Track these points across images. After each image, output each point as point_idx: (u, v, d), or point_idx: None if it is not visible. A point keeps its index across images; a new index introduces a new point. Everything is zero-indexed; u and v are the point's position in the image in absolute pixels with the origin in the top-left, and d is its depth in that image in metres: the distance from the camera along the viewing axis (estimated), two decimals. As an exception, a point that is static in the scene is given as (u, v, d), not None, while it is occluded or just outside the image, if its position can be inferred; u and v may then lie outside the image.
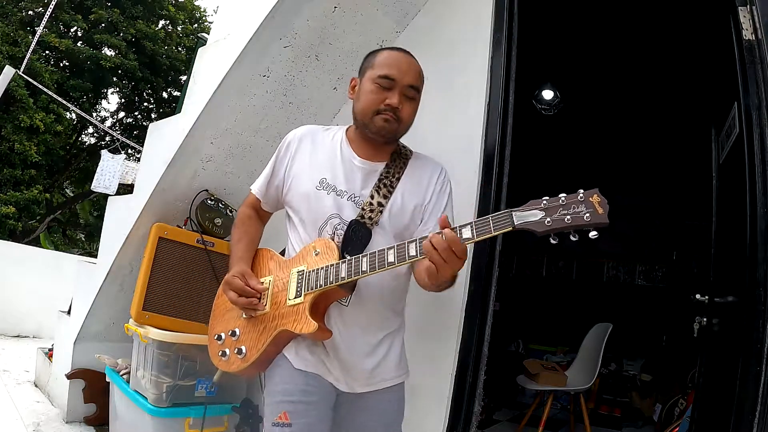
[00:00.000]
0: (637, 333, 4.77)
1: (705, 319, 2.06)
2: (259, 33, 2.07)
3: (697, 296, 2.12)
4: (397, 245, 1.15)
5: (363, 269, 1.18)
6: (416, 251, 1.12)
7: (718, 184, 2.20)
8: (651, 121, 4.42)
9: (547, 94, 4.20)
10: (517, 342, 5.21)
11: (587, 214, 0.97)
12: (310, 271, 1.26)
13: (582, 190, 0.99)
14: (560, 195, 1.01)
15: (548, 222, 1.00)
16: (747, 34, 1.59)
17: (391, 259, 1.15)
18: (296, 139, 1.44)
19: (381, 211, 1.32)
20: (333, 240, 1.29)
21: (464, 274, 1.83)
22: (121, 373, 2.37)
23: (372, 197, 1.32)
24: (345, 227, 1.31)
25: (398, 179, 1.36)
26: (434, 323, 1.85)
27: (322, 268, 1.24)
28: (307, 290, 1.25)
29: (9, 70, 5.99)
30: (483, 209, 1.86)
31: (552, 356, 4.81)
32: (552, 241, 1.02)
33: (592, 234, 0.98)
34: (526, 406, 3.94)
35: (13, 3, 10.79)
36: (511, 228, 1.03)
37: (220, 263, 2.38)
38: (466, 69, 2.04)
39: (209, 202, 2.43)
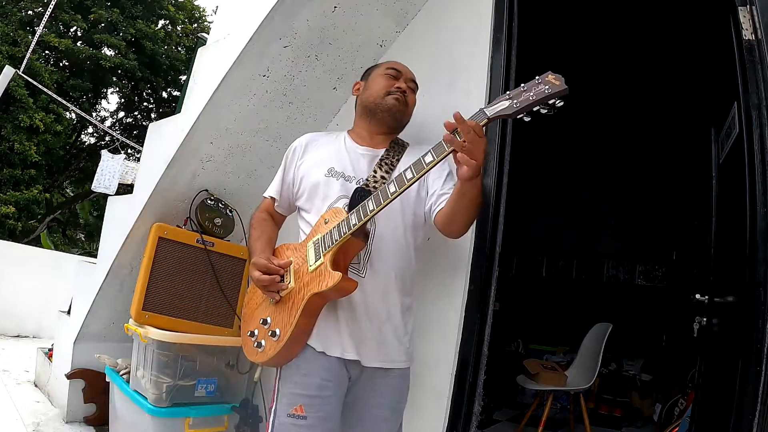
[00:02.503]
0: (637, 333, 4.77)
1: (705, 319, 2.06)
2: (259, 33, 2.07)
3: (697, 296, 2.12)
4: (396, 177, 1.24)
5: (370, 209, 1.25)
6: (433, 156, 1.21)
7: (718, 184, 2.20)
8: (651, 120, 4.42)
9: (547, 94, 4.19)
10: (517, 342, 5.21)
11: (547, 88, 1.10)
12: (324, 236, 1.34)
13: (537, 76, 1.13)
14: (520, 84, 1.14)
15: (516, 104, 1.13)
16: (747, 34, 1.59)
17: (392, 189, 1.23)
18: (302, 144, 1.57)
19: (384, 183, 1.41)
20: None
21: (464, 274, 1.83)
22: (121, 373, 2.37)
23: (375, 172, 1.45)
24: None
25: (398, 160, 1.50)
26: (434, 323, 1.85)
27: (334, 226, 1.32)
28: (325, 250, 1.31)
29: (9, 70, 5.99)
30: (483, 209, 1.86)
31: (552, 356, 4.81)
32: (526, 119, 1.15)
33: (558, 103, 1.11)
34: (526, 406, 3.94)
35: (13, 3, 10.79)
36: (486, 119, 1.16)
37: (220, 263, 2.38)
38: (466, 69, 2.04)
39: (209, 202, 2.43)
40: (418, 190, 1.48)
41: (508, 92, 1.16)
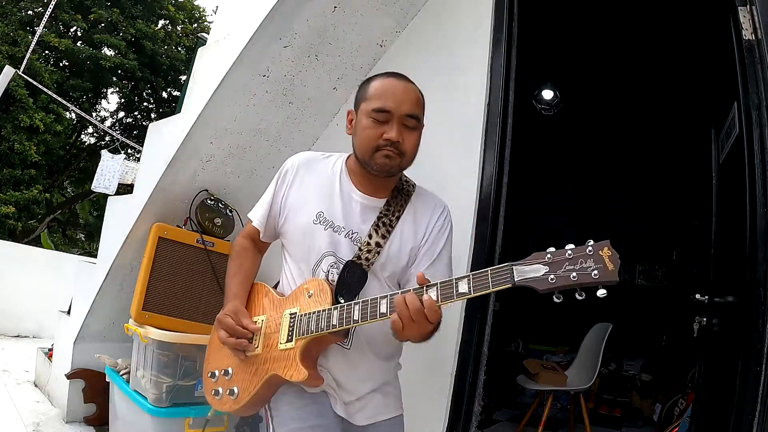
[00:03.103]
0: (637, 333, 4.77)
1: (705, 319, 2.06)
2: (259, 33, 2.07)
3: (697, 296, 2.12)
4: (391, 295, 1.11)
5: (355, 318, 1.13)
6: (437, 297, 1.05)
7: (718, 184, 2.20)
8: (651, 121, 4.42)
9: (547, 94, 4.20)
10: (517, 342, 5.21)
11: (595, 271, 0.90)
12: (302, 315, 1.21)
13: (591, 242, 0.93)
14: (567, 247, 0.94)
15: (552, 279, 0.94)
16: (747, 34, 1.59)
17: (383, 309, 1.10)
18: (293, 168, 1.36)
19: (378, 252, 1.26)
20: (327, 279, 1.25)
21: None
22: (121, 373, 2.37)
23: (370, 236, 1.26)
24: (340, 266, 1.26)
25: (398, 218, 1.30)
26: (434, 323, 1.84)
27: (314, 312, 1.19)
28: (299, 335, 1.20)
29: (9, 70, 5.99)
30: (482, 211, 1.86)
31: (552, 356, 4.81)
32: (555, 300, 0.95)
33: (600, 292, 0.91)
34: (526, 406, 3.94)
35: (13, 3, 10.79)
36: (510, 285, 0.98)
37: (220, 263, 2.38)
38: (466, 69, 2.04)
39: (209, 202, 2.43)
40: (410, 257, 1.30)
41: (549, 252, 0.95)
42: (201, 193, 2.42)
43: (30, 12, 11.13)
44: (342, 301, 1.19)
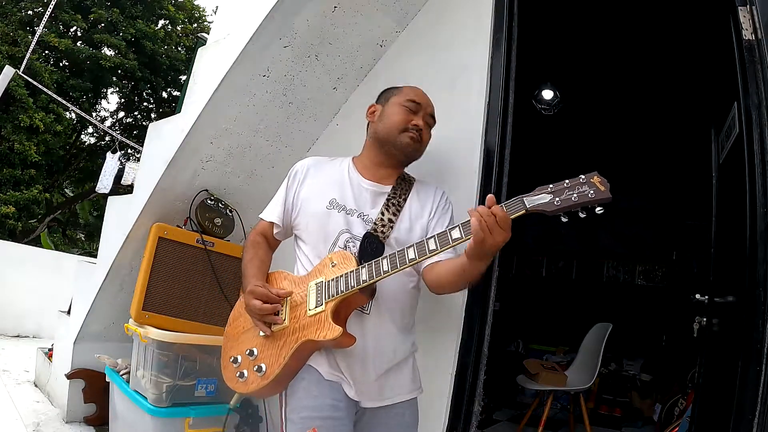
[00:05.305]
0: (637, 333, 4.77)
1: (705, 319, 2.06)
2: (259, 33, 2.07)
3: (697, 296, 2.12)
4: (417, 243, 1.20)
5: (384, 269, 1.21)
6: (461, 233, 1.16)
7: (718, 184, 2.20)
8: (651, 121, 4.42)
9: (547, 94, 4.20)
10: (517, 342, 5.21)
11: (591, 192, 1.07)
12: (329, 281, 1.29)
13: (582, 174, 1.09)
14: (564, 180, 1.10)
15: (557, 202, 1.09)
16: (747, 34, 1.59)
17: (411, 255, 1.19)
18: (304, 168, 1.51)
19: (392, 227, 1.38)
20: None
21: (464, 274, 1.83)
22: (121, 373, 2.37)
23: (383, 214, 1.39)
24: (356, 241, 1.36)
25: (405, 199, 1.44)
26: (434, 323, 1.84)
27: (342, 275, 1.27)
28: (328, 298, 1.27)
29: (9, 70, 5.97)
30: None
31: (552, 356, 4.81)
32: (563, 219, 1.11)
33: (598, 210, 1.08)
34: (526, 406, 3.94)
35: (13, 3, 10.79)
36: (524, 211, 1.12)
37: (220, 263, 2.38)
38: (466, 69, 2.04)
39: (209, 201, 2.43)
40: (420, 234, 1.41)
41: (551, 185, 1.11)
42: (201, 193, 2.42)
43: (30, 12, 11.12)
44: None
